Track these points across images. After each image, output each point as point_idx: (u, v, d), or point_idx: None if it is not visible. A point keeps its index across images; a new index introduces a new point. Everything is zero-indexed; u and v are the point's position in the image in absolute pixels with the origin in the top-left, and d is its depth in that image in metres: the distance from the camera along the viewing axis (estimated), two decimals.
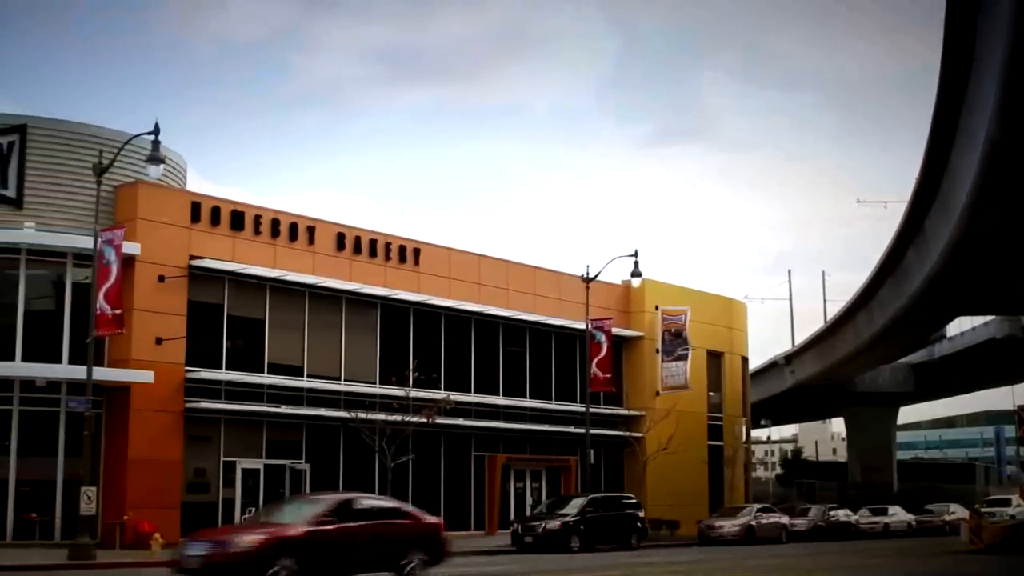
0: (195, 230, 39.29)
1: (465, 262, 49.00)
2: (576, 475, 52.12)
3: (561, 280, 52.97)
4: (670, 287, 59.28)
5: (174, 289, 38.28)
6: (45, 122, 38.34)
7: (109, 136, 37.48)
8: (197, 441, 39.06)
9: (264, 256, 41.13)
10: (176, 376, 38.09)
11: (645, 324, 56.78)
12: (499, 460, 49.41)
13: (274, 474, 41.16)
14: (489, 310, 49.20)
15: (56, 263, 37.58)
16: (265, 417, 40.83)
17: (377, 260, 44.91)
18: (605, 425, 53.08)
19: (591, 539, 41.11)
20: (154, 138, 31.77)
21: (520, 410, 50.71)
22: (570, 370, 53.75)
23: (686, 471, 56.31)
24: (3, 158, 37.38)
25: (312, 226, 42.92)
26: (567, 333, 52.97)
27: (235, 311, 40.75)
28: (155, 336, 37.49)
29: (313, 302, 43.12)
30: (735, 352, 63.98)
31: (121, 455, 36.78)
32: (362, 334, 44.88)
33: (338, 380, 43.48)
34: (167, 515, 36.61)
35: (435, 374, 46.56)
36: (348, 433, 41.94)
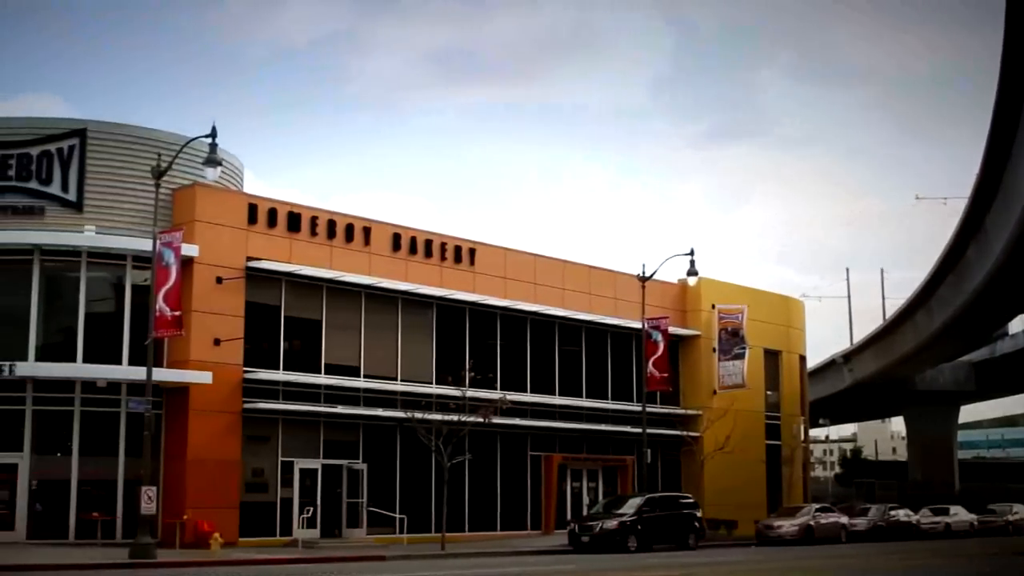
0: (252, 232, 39.56)
1: (521, 262, 48.99)
2: (633, 475, 51.97)
3: (617, 279, 52.83)
4: (726, 285, 58.97)
5: (232, 290, 38.57)
6: (104, 126, 38.74)
7: (167, 139, 37.83)
8: (255, 441, 39.35)
9: (320, 257, 41.33)
10: (234, 377, 38.38)
11: (701, 323, 56.51)
12: (555, 460, 49.35)
13: (332, 474, 41.36)
14: (545, 310, 49.15)
15: (116, 265, 37.99)
16: (322, 417, 41.04)
17: (433, 260, 45.00)
18: (662, 424, 52.88)
19: (648, 539, 40.98)
20: (211, 141, 32.01)
21: (576, 410, 50.63)
22: (626, 369, 53.60)
23: (744, 470, 55.99)
24: (64, 162, 37.82)
25: (368, 227, 43.08)
26: (623, 332, 52.82)
27: (292, 312, 40.99)
28: (213, 337, 37.80)
29: (369, 303, 43.29)
30: (793, 351, 63.53)
31: (180, 455, 37.12)
32: (418, 334, 44.99)
33: (394, 380, 43.62)
34: (226, 515, 36.95)
35: (491, 374, 46.58)
36: (405, 433, 42.05)
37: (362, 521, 41.48)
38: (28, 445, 36.64)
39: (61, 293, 38.16)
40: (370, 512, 41.75)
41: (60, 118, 39.53)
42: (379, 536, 40.97)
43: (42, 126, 38.51)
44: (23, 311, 37.11)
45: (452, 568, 31.03)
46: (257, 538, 38.07)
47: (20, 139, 37.94)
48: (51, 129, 38.26)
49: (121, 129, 38.84)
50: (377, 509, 41.91)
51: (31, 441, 36.70)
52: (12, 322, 37.12)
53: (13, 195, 37.73)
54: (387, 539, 40.65)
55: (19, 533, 36.14)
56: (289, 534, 39.31)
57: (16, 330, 36.98)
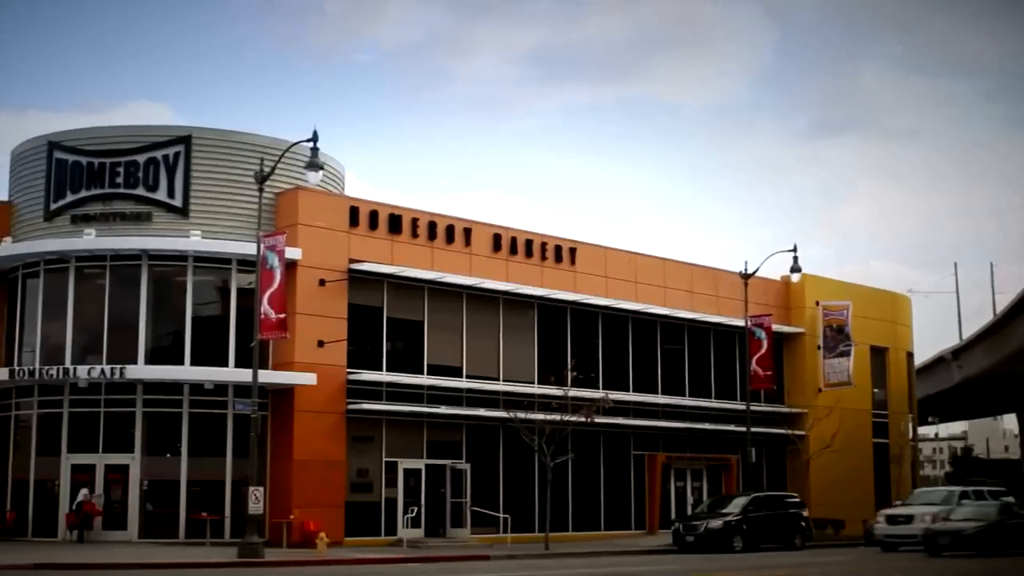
0: (354, 234, 39.91)
1: (621, 261, 48.81)
2: (737, 474, 51.53)
3: (719, 277, 52.42)
4: (830, 282, 58.20)
5: (335, 292, 38.95)
6: (208, 132, 39.35)
7: (269, 144, 38.32)
8: (359, 442, 39.70)
9: (422, 258, 41.57)
10: (338, 378, 38.74)
11: (805, 320, 55.83)
12: (659, 459, 49.10)
13: (435, 474, 41.57)
14: (646, 308, 48.92)
15: (221, 269, 38.59)
16: (425, 418, 41.27)
17: (533, 260, 45.02)
18: (766, 423, 52.36)
19: (754, 539, 40.57)
20: (313, 145, 32.35)
21: (679, 408, 50.31)
22: (729, 368, 53.15)
23: (851, 469, 55.19)
24: (169, 169, 38.50)
25: (469, 228, 43.23)
26: (726, 330, 52.40)
27: (394, 313, 41.27)
28: (317, 339, 38.20)
29: (471, 303, 43.43)
30: (900, 347, 62.47)
31: (286, 456, 37.57)
32: (520, 334, 45.03)
33: (497, 380, 43.72)
34: (332, 514, 37.35)
35: (593, 373, 46.47)
36: (507, 433, 42.14)
37: (466, 521, 41.63)
38: (139, 446, 37.40)
39: (168, 297, 38.87)
40: (474, 512, 41.88)
41: (165, 125, 40.29)
42: (483, 536, 41.06)
43: (148, 134, 39.27)
44: (132, 315, 37.89)
45: (557, 568, 31.05)
46: (362, 538, 38.42)
47: (127, 147, 38.73)
48: (157, 136, 38.99)
49: (224, 135, 39.44)
50: (480, 509, 42.02)
51: (142, 442, 37.45)
52: (122, 326, 37.88)
53: (121, 202, 38.54)
54: (491, 539, 40.74)
55: (131, 532, 36.95)
56: (394, 534, 39.59)
57: (126, 334, 37.76)
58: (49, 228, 39.19)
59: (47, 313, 38.92)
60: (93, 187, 38.62)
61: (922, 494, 44.65)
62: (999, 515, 36.09)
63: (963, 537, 34.74)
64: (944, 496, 41.84)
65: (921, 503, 41.25)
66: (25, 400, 39.01)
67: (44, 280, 39.01)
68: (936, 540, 35.19)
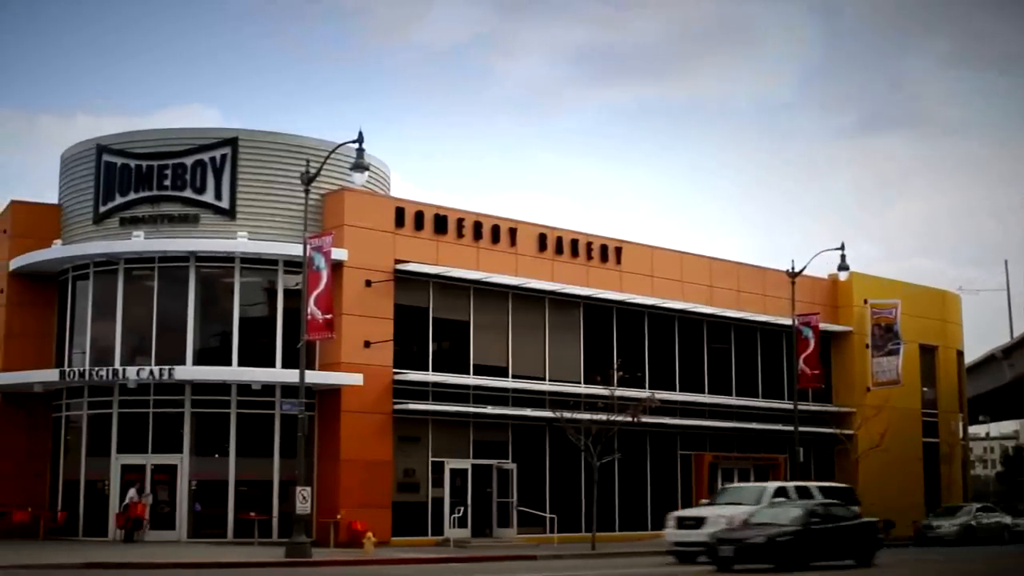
0: (400, 235, 40.01)
1: (667, 260, 48.66)
2: (785, 473, 51.19)
3: (765, 276, 52.15)
4: (879, 280, 57.75)
5: (381, 293, 39.06)
6: (254, 134, 39.60)
7: (315, 146, 38.51)
8: (406, 442, 39.81)
9: (467, 259, 41.61)
10: (384, 378, 38.86)
11: (853, 318, 55.44)
12: (706, 459, 48.90)
13: (481, 474, 41.61)
14: (693, 308, 48.74)
15: (268, 270, 38.81)
16: (472, 418, 41.31)
17: (579, 260, 44.97)
18: (814, 422, 52.05)
19: None
20: (358, 146, 32.44)
21: (726, 408, 50.10)
22: (776, 367, 52.87)
23: (900, 469, 54.77)
24: (216, 171, 38.75)
25: (514, 228, 43.24)
26: (773, 329, 52.12)
27: (440, 313, 41.35)
28: (363, 339, 38.33)
29: (516, 303, 43.44)
30: (949, 346, 61.91)
31: (334, 456, 37.72)
32: (565, 334, 44.99)
33: (542, 380, 43.71)
34: (378, 514, 37.47)
35: (639, 373, 46.39)
36: (553, 433, 42.09)
37: (512, 521, 41.65)
38: (187, 447, 37.66)
39: (216, 298, 39.13)
40: (520, 512, 41.90)
41: (212, 128, 40.47)
42: (529, 536, 41.06)
43: (195, 136, 39.55)
44: (180, 316, 38.18)
45: (603, 568, 31.01)
46: (409, 537, 38.52)
47: (175, 150, 39.04)
48: (204, 139, 39.26)
49: (270, 137, 39.65)
50: (527, 508, 42.02)
51: (190, 443, 37.72)
52: (170, 327, 38.18)
53: (169, 204, 38.84)
54: (537, 539, 40.72)
55: (180, 532, 37.22)
56: (440, 533, 39.67)
57: (174, 335, 38.05)
58: (98, 230, 39.58)
59: (96, 315, 39.29)
60: (141, 189, 38.96)
61: (731, 491, 36.82)
62: (802, 520, 29.02)
63: (748, 547, 28.05)
64: (756, 494, 34.42)
65: (726, 502, 34.10)
66: (75, 401, 39.39)
67: (93, 282, 39.38)
68: (717, 551, 28.57)
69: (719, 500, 35.19)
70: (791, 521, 28.94)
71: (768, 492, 34.35)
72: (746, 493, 35.45)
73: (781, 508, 30.96)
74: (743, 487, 39.15)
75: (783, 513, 29.93)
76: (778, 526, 28.64)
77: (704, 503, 37.84)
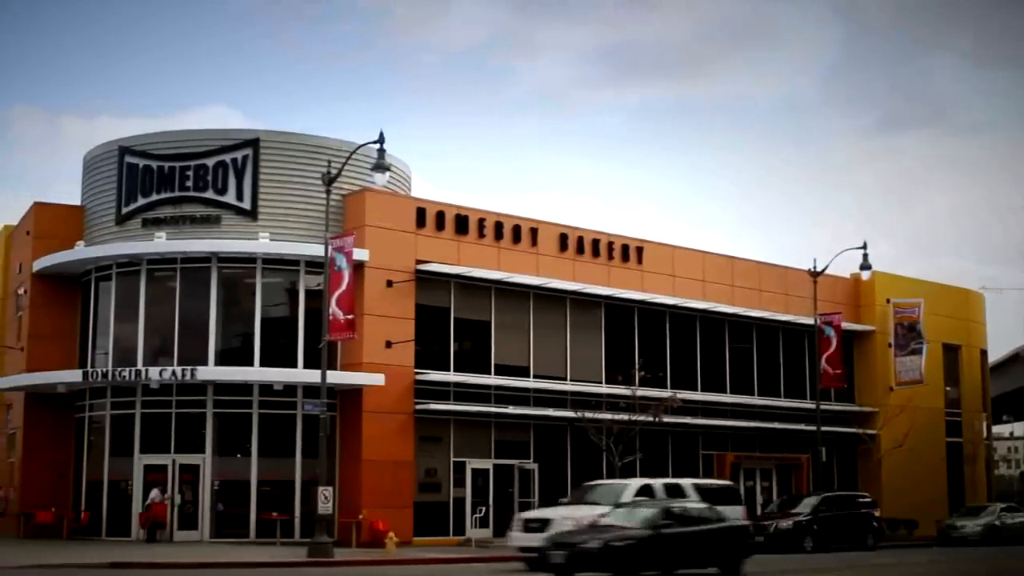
0: (421, 235, 40.04)
1: (689, 259, 48.59)
2: (807, 473, 51.07)
3: (787, 275, 52.00)
4: (901, 279, 57.53)
5: (402, 293, 39.10)
6: (276, 135, 39.69)
7: (336, 146, 38.57)
8: (427, 442, 39.84)
9: (488, 258, 41.62)
10: (406, 378, 38.89)
11: (876, 318, 55.24)
12: (728, 458, 48.79)
13: (503, 474, 41.61)
14: (714, 307, 48.64)
15: (290, 271, 38.88)
16: (493, 418, 41.32)
17: (600, 260, 44.93)
18: (836, 422, 51.89)
19: (824, 539, 40.19)
20: (379, 147, 32.50)
21: (748, 408, 49.98)
22: (798, 366, 52.72)
23: (923, 469, 54.54)
24: (238, 172, 38.87)
25: (535, 228, 43.23)
26: (795, 329, 51.97)
27: (461, 313, 41.37)
28: (385, 340, 38.37)
29: (537, 303, 43.43)
30: (973, 345, 61.62)
31: (355, 456, 37.78)
32: (587, 334, 44.96)
33: (564, 380, 43.69)
34: (400, 514, 37.49)
35: (661, 372, 46.31)
36: (575, 433, 42.08)
37: None
38: (210, 447, 37.78)
39: (238, 299, 39.25)
40: None
41: (234, 129, 40.58)
42: None
43: (217, 137, 39.67)
44: (203, 317, 38.29)
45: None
46: (430, 537, 38.55)
47: (197, 151, 39.17)
48: (225, 140, 39.39)
49: (292, 138, 39.74)
50: None
51: (212, 443, 37.83)
52: (193, 328, 38.30)
53: (191, 205, 38.97)
54: None
55: (202, 532, 37.32)
56: (462, 533, 39.70)
57: (197, 335, 38.17)
58: (121, 232, 39.73)
59: (119, 315, 39.45)
60: (163, 191, 39.10)
61: (591, 489, 32.67)
62: (652, 523, 25.12)
63: (581, 554, 24.06)
64: (617, 493, 30.83)
65: (584, 501, 30.79)
66: (98, 401, 39.55)
67: (116, 283, 39.54)
68: (548, 556, 24.79)
69: (579, 499, 31.64)
70: (640, 524, 25.13)
71: (630, 490, 31.08)
72: (606, 491, 31.54)
73: (634, 509, 26.91)
74: (604, 484, 33.68)
75: (633, 515, 26.06)
76: (622, 529, 24.93)
77: (564, 502, 33.67)
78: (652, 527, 24.92)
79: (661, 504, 27.39)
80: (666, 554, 24.76)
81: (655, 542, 24.54)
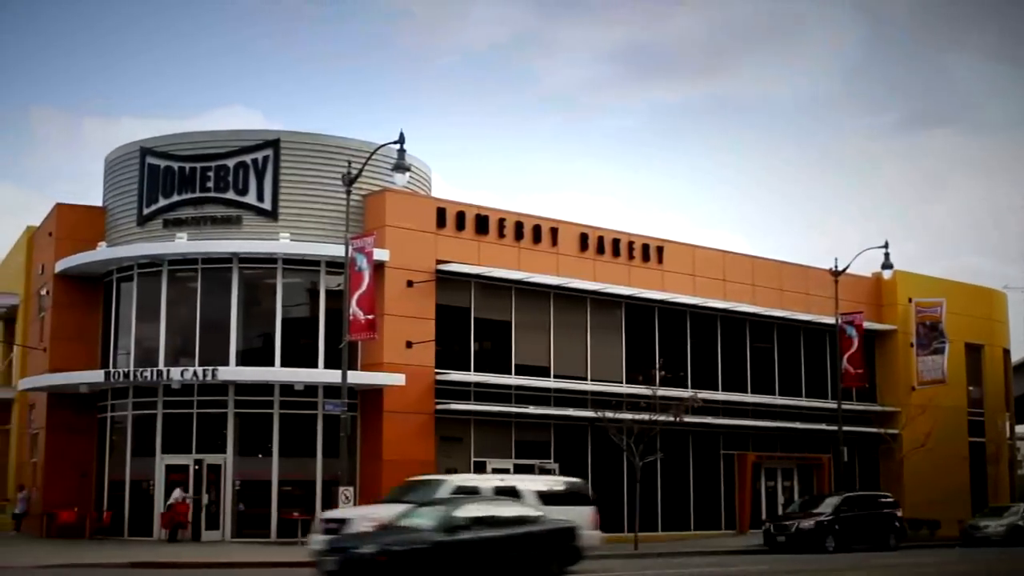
0: (441, 235, 40.05)
1: (709, 259, 48.47)
2: (829, 473, 50.91)
3: (808, 274, 51.83)
4: (923, 278, 57.29)
5: (422, 293, 39.12)
6: (296, 136, 39.76)
7: (356, 147, 38.62)
8: (448, 442, 39.83)
9: (509, 258, 41.60)
10: (426, 378, 38.91)
11: (898, 317, 55.02)
12: (749, 458, 48.66)
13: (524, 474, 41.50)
14: (735, 307, 48.50)
15: (310, 271, 38.95)
16: (514, 418, 41.29)
17: (620, 259, 44.86)
18: (858, 422, 51.68)
19: (846, 539, 40.05)
20: (399, 147, 32.54)
21: (769, 407, 49.83)
22: (820, 366, 52.55)
23: (946, 469, 54.31)
24: (259, 172, 38.94)
25: (555, 227, 43.19)
26: (816, 328, 51.79)
27: (481, 313, 41.36)
28: (405, 340, 38.39)
29: (558, 303, 43.39)
30: (996, 344, 61.33)
31: (376, 456, 37.80)
32: (607, 334, 44.89)
33: (584, 380, 43.64)
34: None
35: (682, 372, 46.24)
36: (596, 433, 42.01)
37: None
38: (231, 447, 37.88)
39: (258, 299, 39.34)
40: None
41: (254, 130, 40.66)
42: None
43: (237, 138, 39.77)
44: (224, 317, 38.40)
45: (646, 568, 30.95)
46: None
47: (217, 152, 39.27)
48: (246, 141, 39.48)
49: (312, 138, 39.80)
50: None
51: (234, 443, 37.93)
52: (214, 328, 38.40)
53: (212, 206, 39.07)
54: None
55: (224, 532, 37.42)
56: None
57: (218, 336, 38.28)
58: (142, 232, 39.86)
59: (141, 316, 39.59)
60: (184, 191, 39.22)
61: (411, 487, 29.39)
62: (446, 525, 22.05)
63: (356, 561, 21.20)
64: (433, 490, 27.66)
65: (401, 499, 27.27)
66: (120, 402, 39.68)
67: (138, 283, 39.67)
68: (321, 563, 22.19)
69: (396, 496, 28.70)
70: (435, 526, 22.04)
71: (447, 487, 27.86)
72: (424, 488, 28.28)
73: (431, 509, 23.46)
74: (423, 480, 30.56)
75: (429, 515, 22.76)
76: (414, 532, 21.99)
77: (380, 500, 31.03)
78: (447, 530, 21.82)
79: (461, 503, 24.06)
80: (463, 561, 21.69)
81: (449, 548, 21.51)
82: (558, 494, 30.71)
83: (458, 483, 28.57)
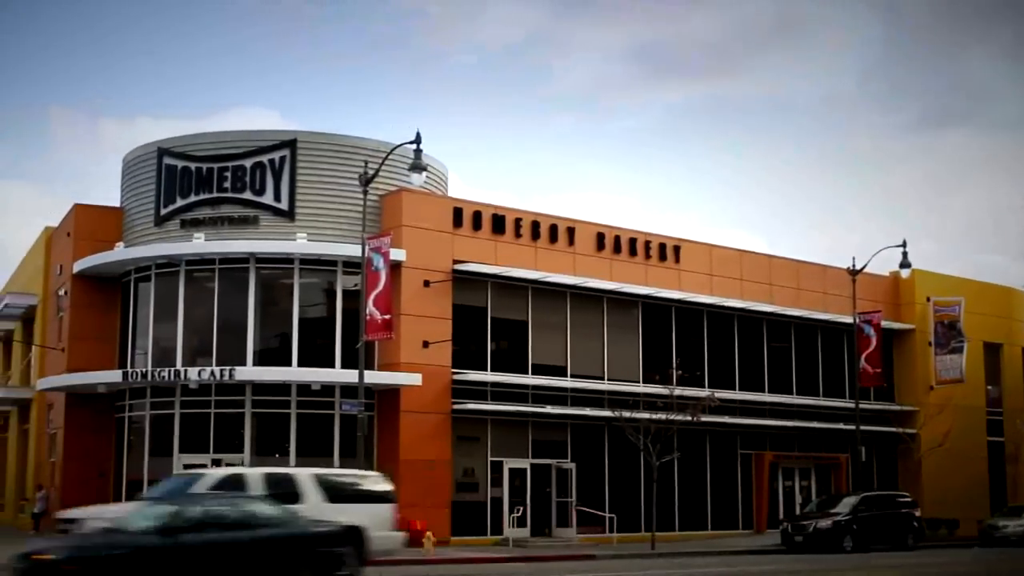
0: (458, 235, 40.05)
1: (726, 258, 48.38)
2: (847, 473, 50.74)
3: (826, 273, 51.70)
4: (941, 277, 57.08)
5: (439, 293, 39.13)
6: (313, 136, 39.81)
7: (373, 147, 38.64)
8: (465, 441, 39.83)
9: (525, 258, 41.58)
10: (443, 378, 38.91)
11: (916, 316, 54.83)
12: (766, 458, 48.55)
13: (541, 474, 41.55)
14: (752, 306, 48.38)
15: (327, 271, 38.98)
16: (530, 417, 41.27)
17: (637, 259, 44.80)
18: (876, 421, 51.53)
19: (864, 539, 39.97)
20: (416, 147, 32.59)
21: (786, 407, 49.69)
22: (837, 365, 52.40)
23: (964, 468, 54.11)
24: (275, 173, 39.00)
25: (572, 227, 43.15)
26: (833, 327, 51.64)
27: (498, 313, 41.34)
28: (422, 339, 38.41)
29: (575, 302, 43.35)
30: (1014, 343, 61.04)
31: (393, 455, 37.80)
32: (624, 333, 44.84)
33: (601, 380, 43.59)
34: (438, 514, 37.48)
35: (698, 372, 46.14)
36: (612, 432, 41.99)
37: (571, 520, 41.56)
38: (248, 447, 37.91)
39: (275, 299, 39.38)
40: (579, 511, 41.77)
41: (271, 130, 40.73)
42: (588, 535, 40.95)
43: (254, 139, 39.82)
44: (241, 317, 38.45)
45: (663, 568, 30.90)
46: (468, 537, 38.55)
47: (235, 152, 39.35)
48: (263, 141, 39.54)
49: (329, 139, 39.85)
50: (586, 508, 41.91)
51: (251, 442, 37.97)
52: (231, 328, 38.47)
53: (229, 206, 39.15)
54: (597, 538, 40.63)
55: None
56: (499, 533, 39.66)
57: (235, 336, 38.34)
58: (159, 233, 39.96)
59: (158, 316, 39.67)
60: (202, 192, 39.31)
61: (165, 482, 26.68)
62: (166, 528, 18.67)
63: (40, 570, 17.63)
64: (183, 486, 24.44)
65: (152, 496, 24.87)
66: (138, 402, 39.79)
67: (155, 284, 39.78)
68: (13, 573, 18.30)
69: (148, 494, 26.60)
70: (151, 527, 18.79)
71: (207, 480, 24.65)
72: (174, 483, 25.58)
73: (149, 508, 20.38)
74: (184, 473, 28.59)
75: (147, 515, 19.56)
76: (121, 535, 19.01)
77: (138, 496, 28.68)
78: (164, 532, 18.59)
79: (195, 501, 21.15)
80: (178, 569, 18.44)
81: (159, 554, 18.24)
82: (346, 490, 26.86)
83: (223, 475, 25.32)
